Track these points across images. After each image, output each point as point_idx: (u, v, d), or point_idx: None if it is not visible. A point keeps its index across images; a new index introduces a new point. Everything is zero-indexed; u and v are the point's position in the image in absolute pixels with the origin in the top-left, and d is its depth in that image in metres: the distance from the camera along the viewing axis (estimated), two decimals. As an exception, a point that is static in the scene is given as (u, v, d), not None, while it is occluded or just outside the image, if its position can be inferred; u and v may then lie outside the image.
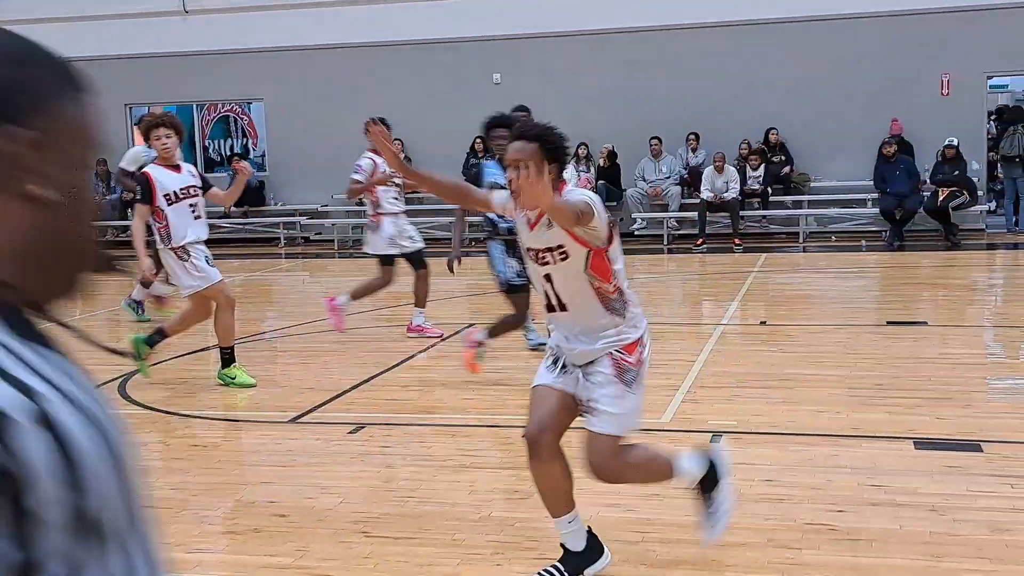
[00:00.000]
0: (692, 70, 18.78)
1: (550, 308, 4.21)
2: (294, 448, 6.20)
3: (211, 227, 21.78)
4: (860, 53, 18.12)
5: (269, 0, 20.44)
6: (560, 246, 4.00)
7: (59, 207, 1.13)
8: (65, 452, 1.03)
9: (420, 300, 9.62)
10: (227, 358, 7.84)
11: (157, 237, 7.72)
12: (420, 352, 9.05)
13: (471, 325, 10.41)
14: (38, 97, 1.15)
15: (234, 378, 7.77)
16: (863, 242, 17.07)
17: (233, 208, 20.63)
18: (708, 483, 4.26)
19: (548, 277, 4.11)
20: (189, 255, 7.60)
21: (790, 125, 18.41)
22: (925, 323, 9.81)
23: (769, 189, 18.15)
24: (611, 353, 4.07)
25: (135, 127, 22.41)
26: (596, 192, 18.44)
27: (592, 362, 4.11)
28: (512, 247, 6.81)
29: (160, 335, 7.89)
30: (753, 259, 15.30)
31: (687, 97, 18.75)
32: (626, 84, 19.05)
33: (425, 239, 19.61)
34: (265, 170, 21.50)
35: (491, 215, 7.00)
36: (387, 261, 9.44)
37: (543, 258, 4.09)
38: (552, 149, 4.01)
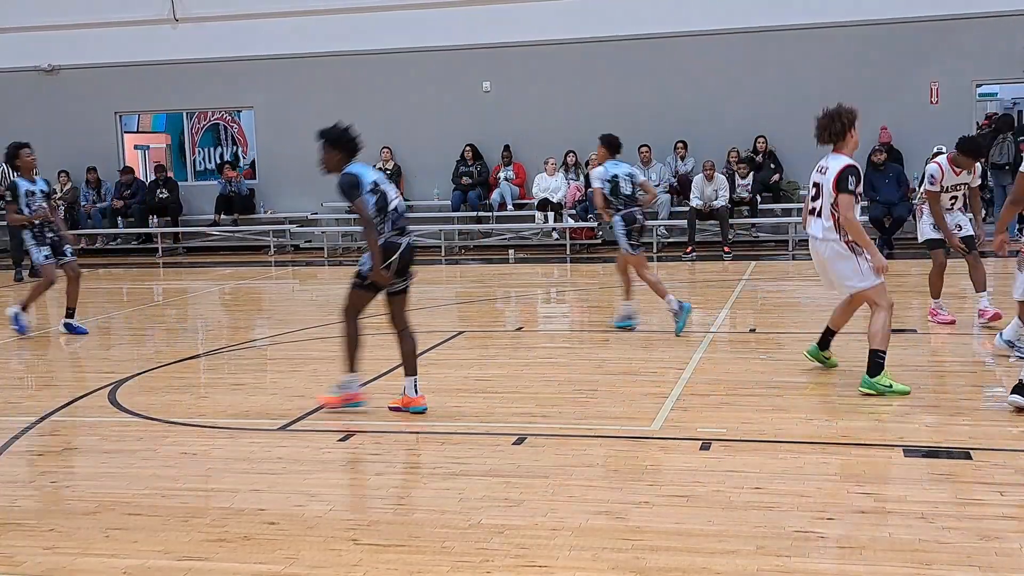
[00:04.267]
0: (681, 78, 18.84)
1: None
2: (284, 456, 6.19)
3: (201, 235, 21.75)
4: (849, 61, 18.19)
5: (259, 9, 20.44)
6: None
7: None
8: None
9: (979, 284, 10.00)
10: None
11: None
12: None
13: (460, 333, 10.42)
14: None
15: None
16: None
17: (223, 216, 20.68)
18: None
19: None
20: None
21: (779, 133, 18.45)
22: (914, 331, 9.84)
23: (758, 197, 18.20)
24: None
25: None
26: (585, 200, 18.53)
27: None
28: None
29: None
30: (742, 267, 15.33)
31: (676, 105, 18.80)
32: (615, 92, 19.09)
33: (417, 246, 19.68)
34: (255, 178, 21.48)
35: None
36: (934, 245, 9.98)
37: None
38: None
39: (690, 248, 17.29)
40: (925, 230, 10.00)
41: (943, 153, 16.56)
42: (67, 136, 21.61)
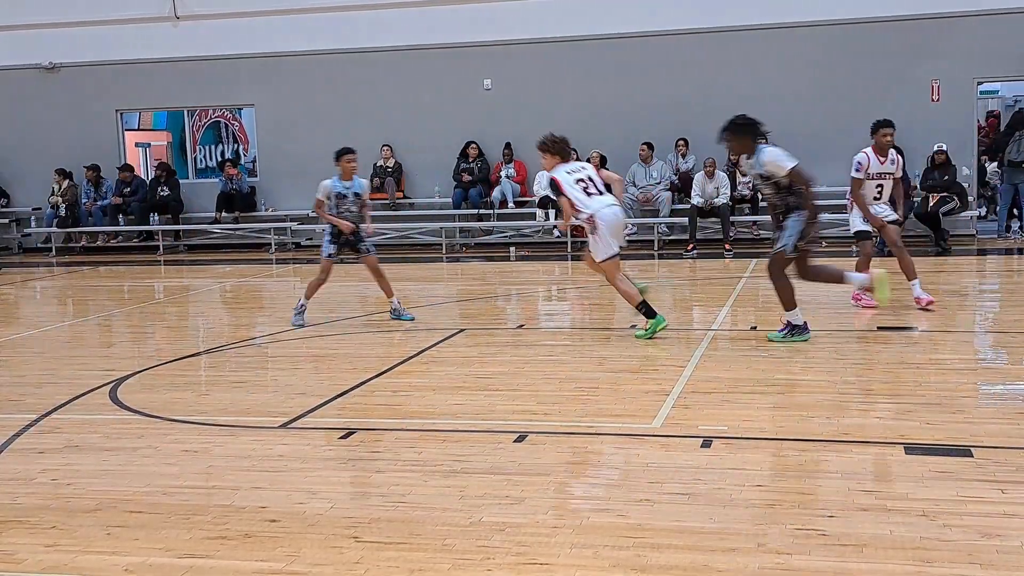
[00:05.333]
0: (682, 75, 18.84)
1: None
2: (285, 453, 6.19)
3: (202, 233, 21.82)
4: (850, 59, 18.19)
5: (260, 6, 20.45)
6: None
7: None
8: None
9: (909, 273, 10.82)
10: None
11: None
12: (411, 357, 9.05)
13: (461, 331, 10.44)
14: None
15: None
16: (854, 248, 17.07)
17: (224, 213, 20.69)
18: None
19: None
20: None
21: (780, 131, 18.36)
22: (915, 329, 9.84)
23: (759, 195, 18.17)
24: None
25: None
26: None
27: None
28: None
29: None
30: (744, 265, 15.33)
31: (677, 102, 18.80)
32: (616, 90, 19.08)
33: (412, 245, 19.69)
34: (256, 176, 21.49)
35: None
36: (863, 236, 10.86)
37: None
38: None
39: (691, 246, 17.30)
40: (855, 222, 10.82)
41: (944, 151, 16.68)
42: (68, 134, 21.63)
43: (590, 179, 9.67)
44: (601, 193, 9.59)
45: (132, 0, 20.88)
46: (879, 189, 10.61)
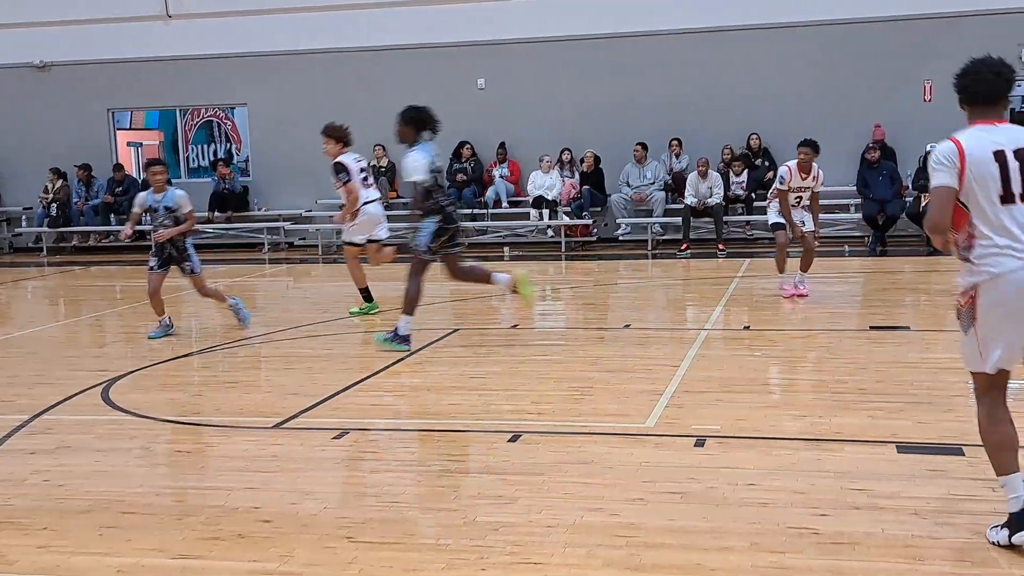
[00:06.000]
0: (675, 75, 18.84)
1: None
2: (278, 454, 6.19)
3: (195, 232, 21.99)
4: (843, 59, 18.21)
5: (252, 5, 20.40)
6: None
7: None
8: None
9: (805, 266, 11.90)
10: None
11: None
12: (405, 357, 9.05)
13: (455, 330, 10.44)
14: None
15: None
16: (846, 247, 17.12)
17: (217, 213, 20.64)
18: None
19: None
20: None
21: (773, 131, 18.46)
22: (907, 328, 9.86)
23: (752, 195, 18.20)
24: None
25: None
26: (580, 198, 18.53)
27: None
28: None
29: None
30: (737, 264, 15.35)
31: (670, 102, 18.80)
32: (610, 90, 19.08)
33: (406, 245, 19.66)
34: (249, 175, 21.45)
35: None
36: (777, 227, 11.69)
37: None
38: None
39: (685, 245, 17.31)
40: (771, 216, 11.83)
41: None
42: (59, 133, 21.58)
43: (368, 170, 11.10)
44: (371, 187, 11.08)
45: (124, -2, 20.85)
46: (798, 199, 11.56)
